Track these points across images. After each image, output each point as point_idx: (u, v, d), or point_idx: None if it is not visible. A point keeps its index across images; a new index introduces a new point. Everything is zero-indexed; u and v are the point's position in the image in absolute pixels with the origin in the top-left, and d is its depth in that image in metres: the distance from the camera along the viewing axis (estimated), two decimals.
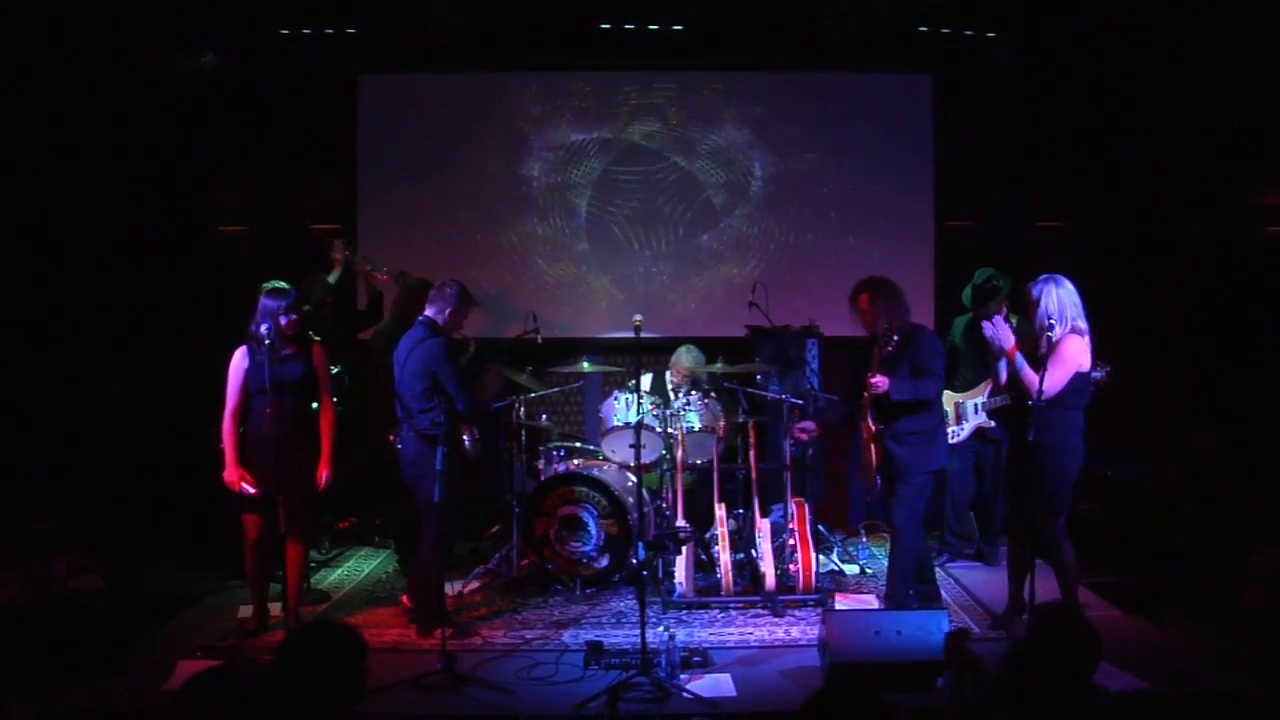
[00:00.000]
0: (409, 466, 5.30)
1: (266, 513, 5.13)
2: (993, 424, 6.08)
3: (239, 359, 5.09)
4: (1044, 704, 2.84)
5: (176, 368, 7.01)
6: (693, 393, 6.52)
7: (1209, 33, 6.93)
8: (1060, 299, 4.87)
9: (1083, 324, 4.91)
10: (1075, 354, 4.86)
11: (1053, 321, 4.83)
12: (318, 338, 5.36)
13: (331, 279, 6.70)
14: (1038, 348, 4.87)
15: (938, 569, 6.03)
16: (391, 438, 5.72)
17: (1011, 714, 2.93)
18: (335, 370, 6.11)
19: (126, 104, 7.22)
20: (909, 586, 5.24)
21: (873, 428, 5.17)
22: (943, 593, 5.66)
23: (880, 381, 5.01)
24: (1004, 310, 6.17)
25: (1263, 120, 7.18)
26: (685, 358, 6.80)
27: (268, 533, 5.17)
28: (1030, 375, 4.83)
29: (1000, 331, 5.02)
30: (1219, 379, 7.44)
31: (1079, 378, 4.87)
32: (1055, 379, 4.81)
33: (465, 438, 5.27)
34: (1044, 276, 4.94)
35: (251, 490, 5.05)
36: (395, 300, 6.56)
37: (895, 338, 5.04)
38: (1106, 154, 7.56)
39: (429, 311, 5.33)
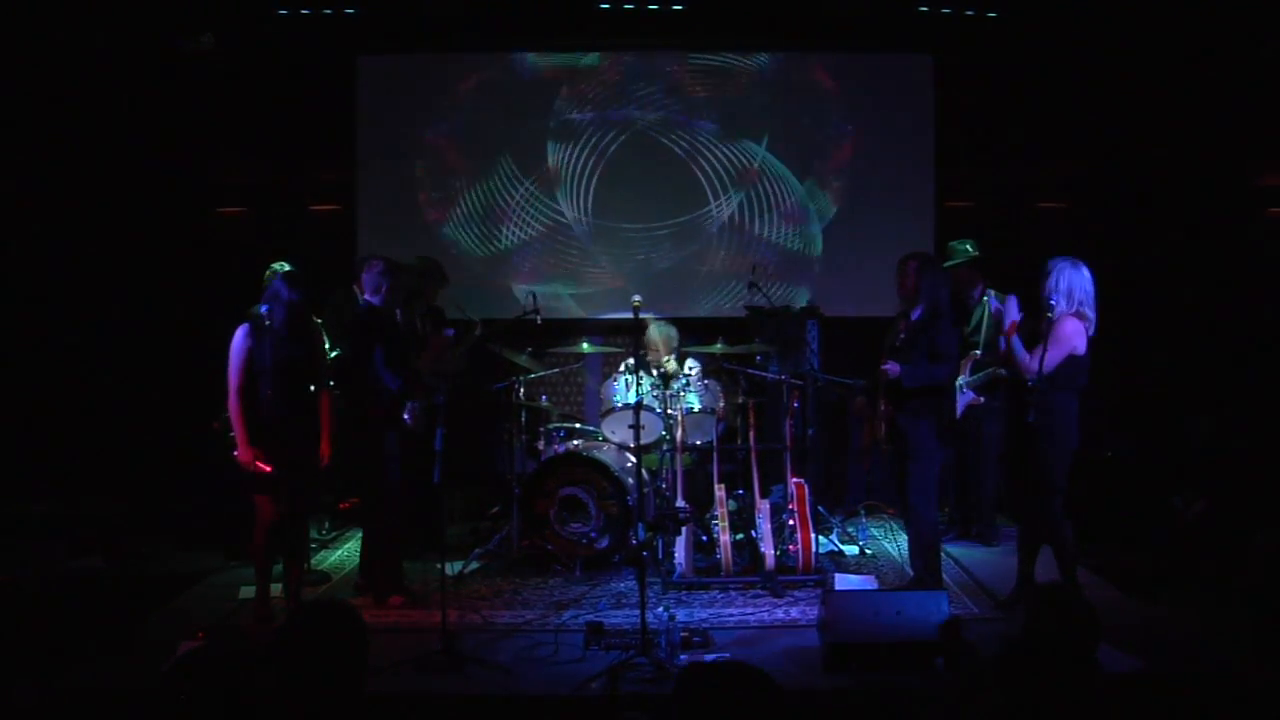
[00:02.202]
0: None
1: (278, 492, 5.06)
2: (982, 400, 6.10)
3: (241, 338, 5.01)
4: (1045, 686, 2.79)
5: (177, 348, 6.99)
6: (691, 373, 6.50)
7: (1212, 13, 6.90)
8: (1071, 280, 4.91)
9: (1088, 312, 4.94)
10: (1071, 335, 4.89)
11: (1055, 299, 4.87)
12: (318, 320, 5.35)
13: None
14: (1038, 323, 4.93)
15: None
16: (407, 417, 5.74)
17: (1009, 696, 2.93)
18: (334, 354, 6.11)
19: (124, 85, 7.18)
20: (933, 566, 5.30)
21: (882, 408, 5.31)
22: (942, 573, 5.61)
23: (891, 368, 5.18)
24: (981, 285, 6.20)
25: (1265, 102, 7.14)
26: (653, 330, 6.71)
27: (279, 513, 5.12)
28: (1024, 356, 4.92)
29: (1007, 308, 5.08)
30: (1220, 360, 7.42)
31: (1071, 360, 4.91)
32: (1049, 357, 4.85)
33: (405, 415, 5.35)
34: (1065, 256, 4.99)
35: (266, 469, 4.99)
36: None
37: (902, 335, 5.21)
38: (1108, 135, 7.53)
39: (365, 295, 5.46)
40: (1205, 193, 7.56)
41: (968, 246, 6.29)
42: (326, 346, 5.64)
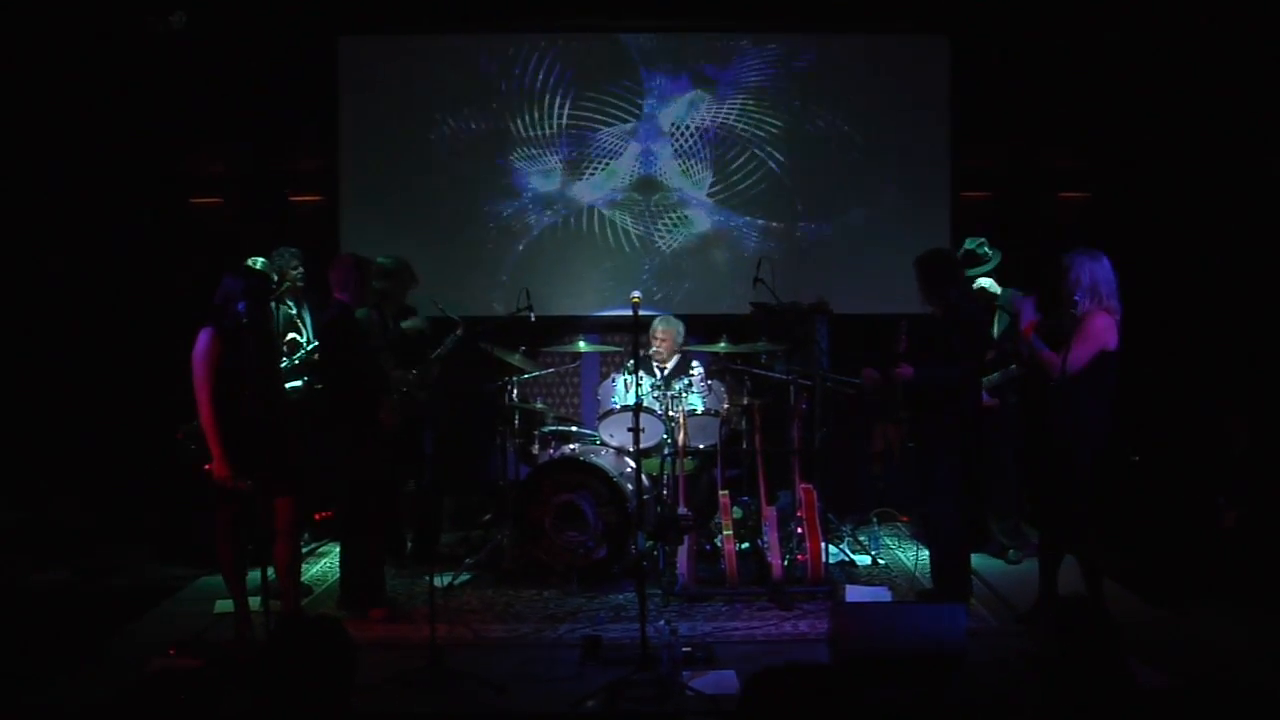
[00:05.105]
0: None
1: (244, 503, 4.85)
2: (996, 402, 5.98)
3: (206, 344, 4.73)
4: (1074, 703, 2.73)
5: (148, 350, 6.84)
6: (694, 373, 6.40)
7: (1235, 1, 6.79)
8: (1093, 274, 4.81)
9: (1115, 304, 4.84)
10: (1102, 331, 4.78)
11: (1079, 296, 4.77)
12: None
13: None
14: (1061, 321, 4.84)
15: None
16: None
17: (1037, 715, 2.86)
18: (312, 346, 6.04)
19: (90, 67, 7.00)
20: (961, 575, 5.23)
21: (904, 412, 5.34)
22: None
23: (904, 371, 5.15)
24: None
25: None
26: (659, 323, 6.69)
27: (245, 523, 4.92)
28: (1048, 356, 4.83)
29: (1024, 309, 5.06)
30: (1255, 360, 7.25)
31: (1103, 356, 4.78)
32: (1078, 355, 4.73)
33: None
34: (1081, 249, 4.88)
35: (244, 485, 4.74)
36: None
37: (904, 338, 5.24)
38: (1133, 122, 7.39)
39: (335, 293, 5.39)
40: (1236, 181, 7.36)
41: (986, 250, 6.19)
42: (303, 340, 5.63)
